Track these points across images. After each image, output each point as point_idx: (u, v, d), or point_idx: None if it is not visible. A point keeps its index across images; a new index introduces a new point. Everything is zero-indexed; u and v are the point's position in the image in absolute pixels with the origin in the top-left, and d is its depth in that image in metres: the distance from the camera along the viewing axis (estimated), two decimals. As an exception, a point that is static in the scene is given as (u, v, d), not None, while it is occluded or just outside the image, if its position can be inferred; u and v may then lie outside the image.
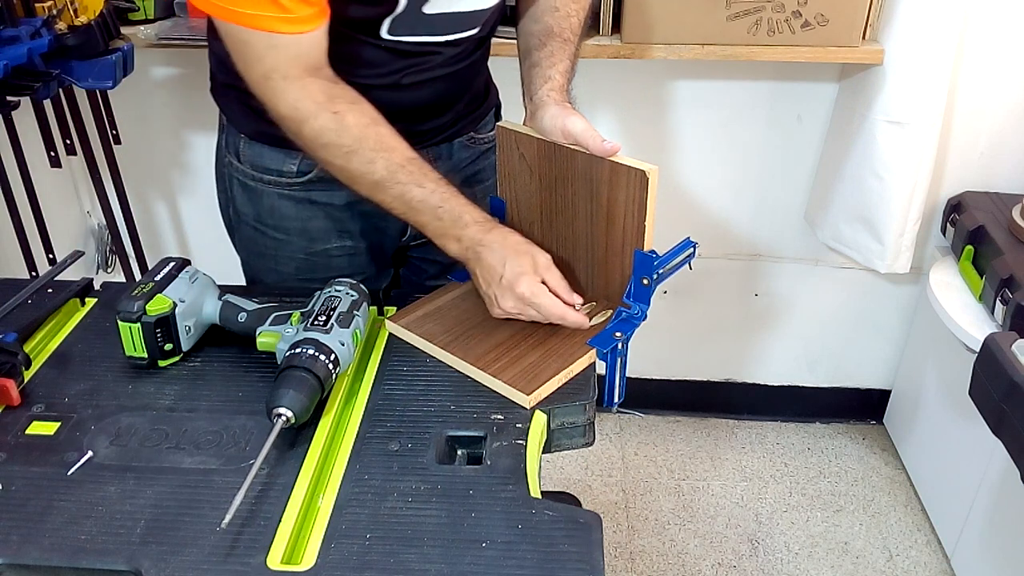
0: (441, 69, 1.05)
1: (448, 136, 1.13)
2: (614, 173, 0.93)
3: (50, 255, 1.67)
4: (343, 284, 0.95)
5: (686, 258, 0.99)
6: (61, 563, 0.72)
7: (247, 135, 1.09)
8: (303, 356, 0.84)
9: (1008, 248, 1.60)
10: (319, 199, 1.11)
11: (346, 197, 1.10)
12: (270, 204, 1.11)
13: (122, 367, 0.94)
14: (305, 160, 1.07)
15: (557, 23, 1.05)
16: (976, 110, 1.72)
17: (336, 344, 0.86)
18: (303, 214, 1.11)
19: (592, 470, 2.07)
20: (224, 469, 0.80)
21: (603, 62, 1.61)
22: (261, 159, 1.09)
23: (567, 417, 0.89)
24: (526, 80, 1.05)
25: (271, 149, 1.08)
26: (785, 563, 1.83)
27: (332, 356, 0.85)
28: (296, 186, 1.09)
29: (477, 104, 1.17)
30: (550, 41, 1.04)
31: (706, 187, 1.92)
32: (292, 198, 1.10)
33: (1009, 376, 1.17)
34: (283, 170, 1.09)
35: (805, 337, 2.12)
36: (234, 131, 1.11)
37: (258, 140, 1.09)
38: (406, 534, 0.74)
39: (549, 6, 1.06)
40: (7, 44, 1.31)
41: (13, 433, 0.85)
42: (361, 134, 0.92)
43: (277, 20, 0.85)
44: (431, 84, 1.05)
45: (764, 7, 1.53)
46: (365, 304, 0.95)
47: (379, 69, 1.00)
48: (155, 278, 0.93)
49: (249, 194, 1.12)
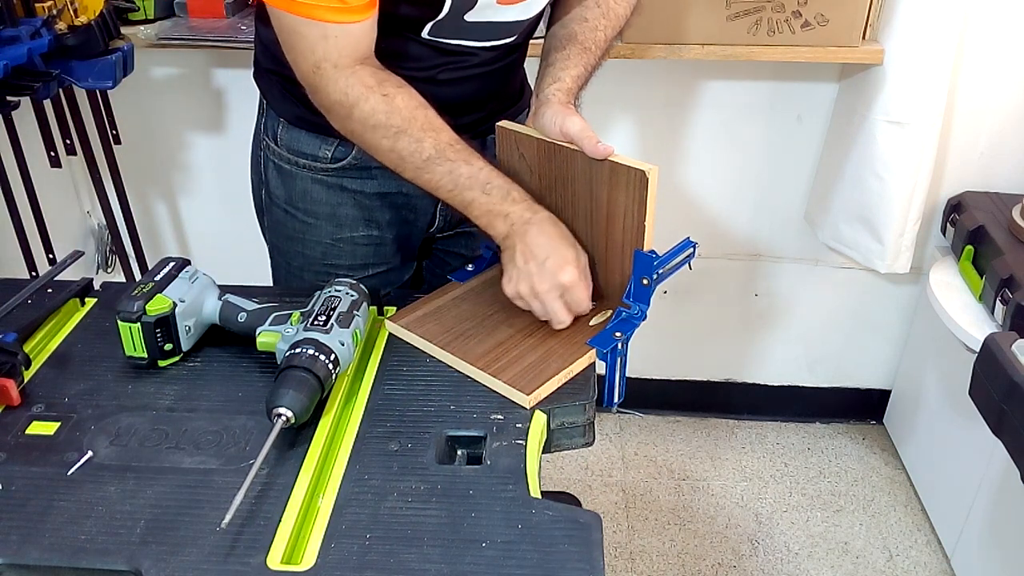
0: (477, 69, 1.07)
1: (482, 132, 1.14)
2: (614, 173, 0.93)
3: (50, 255, 1.67)
4: (343, 284, 0.95)
5: (686, 258, 0.99)
6: (61, 563, 0.72)
7: (287, 119, 1.12)
8: (303, 356, 0.84)
9: (1008, 248, 1.60)
10: (350, 186, 1.13)
11: (377, 187, 1.13)
12: (303, 188, 1.14)
13: (122, 367, 0.94)
14: (340, 147, 1.10)
15: (582, 32, 1.07)
16: (976, 110, 1.72)
17: (336, 344, 0.86)
18: (333, 199, 1.14)
19: (592, 470, 2.07)
20: (224, 469, 0.80)
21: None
22: (298, 143, 1.12)
23: (567, 417, 0.89)
24: (538, 78, 1.06)
25: (308, 134, 1.11)
26: (785, 563, 1.83)
27: (332, 356, 0.85)
28: (329, 171, 1.12)
29: (511, 103, 1.19)
30: (570, 46, 1.06)
31: (706, 187, 1.92)
32: (324, 183, 1.13)
33: (1009, 376, 1.17)
34: (318, 155, 1.11)
35: (805, 337, 2.12)
36: (274, 115, 1.14)
37: (296, 125, 1.11)
38: (406, 534, 0.74)
39: (579, 16, 1.08)
40: (7, 44, 1.31)
41: (13, 433, 0.85)
42: (411, 115, 0.94)
43: (331, 10, 0.88)
44: (467, 82, 1.08)
45: (764, 7, 1.53)
46: (365, 304, 0.95)
47: (418, 63, 1.03)
48: (155, 278, 0.93)
49: (283, 177, 1.15)
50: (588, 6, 1.09)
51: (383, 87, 0.94)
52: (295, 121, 1.11)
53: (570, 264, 0.94)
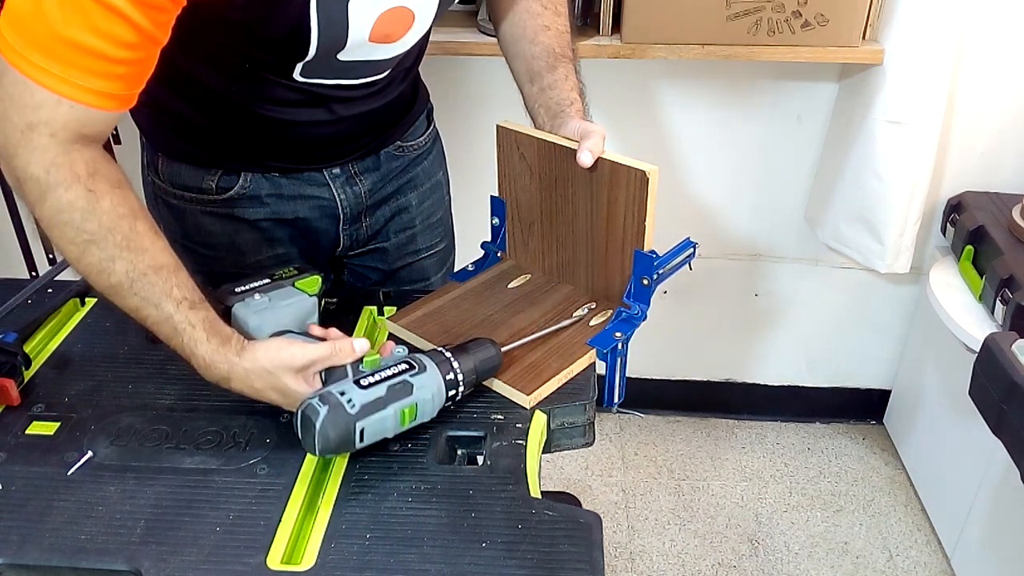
0: (363, 104, 1.02)
1: (373, 148, 1.09)
2: (614, 173, 0.93)
3: (50, 255, 1.68)
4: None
5: (686, 258, 0.99)
6: (61, 563, 0.72)
7: (164, 153, 1.06)
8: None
9: (1008, 248, 1.60)
10: (242, 215, 1.07)
11: (270, 213, 1.07)
12: (195, 222, 1.07)
13: (122, 367, 0.94)
14: (224, 176, 1.04)
15: (556, 42, 1.05)
16: (976, 110, 1.72)
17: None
18: (229, 228, 1.07)
19: (592, 470, 2.07)
20: (224, 469, 0.80)
21: (603, 62, 1.60)
22: (179, 176, 1.05)
23: (567, 417, 0.89)
24: (539, 100, 1.02)
25: (189, 167, 1.04)
26: (785, 563, 1.83)
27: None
28: (218, 203, 1.06)
29: (403, 113, 1.12)
30: (559, 63, 1.03)
31: (706, 187, 1.92)
32: (215, 214, 1.06)
33: (1009, 376, 1.17)
34: (202, 187, 1.04)
35: (805, 337, 2.12)
36: (151, 148, 1.07)
37: (174, 158, 1.05)
38: (406, 534, 0.74)
39: (539, 25, 1.05)
40: (7, 44, 1.31)
41: (13, 433, 0.85)
42: (111, 224, 0.78)
43: (83, 91, 0.74)
44: (353, 119, 1.02)
45: (764, 7, 1.53)
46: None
47: (296, 107, 0.97)
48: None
49: (174, 212, 1.08)
50: (537, 12, 1.06)
51: (93, 180, 0.77)
52: (172, 154, 1.05)
53: (288, 377, 0.81)
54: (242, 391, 0.82)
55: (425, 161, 1.18)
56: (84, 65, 0.73)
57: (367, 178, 1.11)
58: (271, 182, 1.05)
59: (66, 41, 0.71)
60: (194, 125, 1.01)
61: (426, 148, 1.18)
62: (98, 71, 0.74)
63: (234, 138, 1.01)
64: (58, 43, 0.72)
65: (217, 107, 0.98)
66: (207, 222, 1.07)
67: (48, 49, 0.72)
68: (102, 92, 0.75)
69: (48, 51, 0.72)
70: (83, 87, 0.74)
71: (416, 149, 1.16)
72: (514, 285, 1.07)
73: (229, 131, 1.01)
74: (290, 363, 0.80)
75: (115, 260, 0.78)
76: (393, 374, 0.80)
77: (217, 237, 1.08)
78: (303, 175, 1.06)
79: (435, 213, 1.22)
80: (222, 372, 0.81)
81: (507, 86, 1.10)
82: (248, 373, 0.80)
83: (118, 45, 0.73)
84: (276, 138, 1.01)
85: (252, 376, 0.80)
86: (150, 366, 0.94)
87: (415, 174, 1.17)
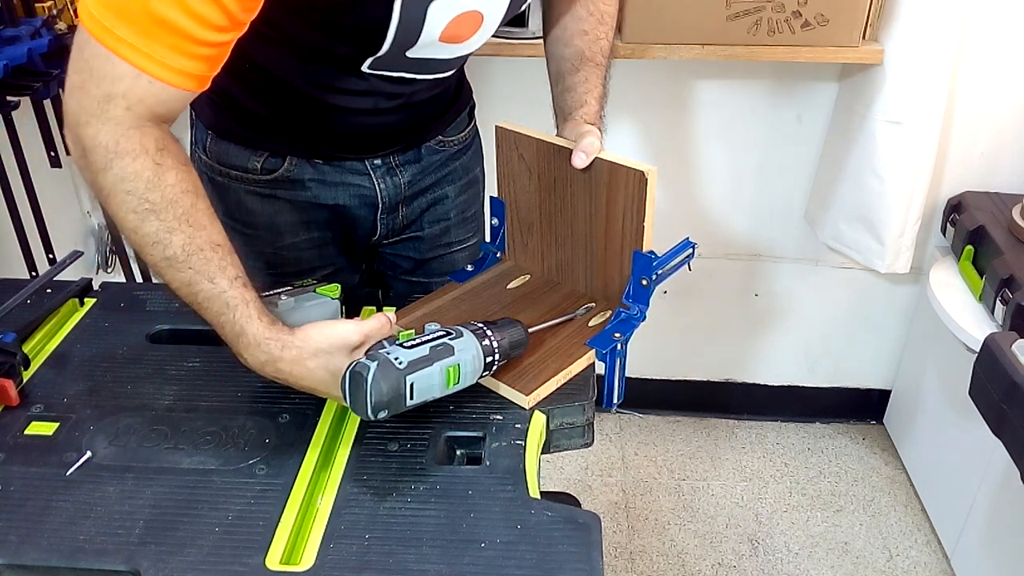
0: (420, 95, 1.05)
1: (415, 141, 1.12)
2: (613, 174, 0.93)
3: (50, 255, 1.67)
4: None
5: (685, 258, 0.99)
6: (60, 563, 0.72)
7: (213, 131, 1.09)
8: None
9: (1008, 248, 1.60)
10: (284, 196, 1.10)
11: (311, 197, 1.10)
12: (237, 200, 1.10)
13: (121, 367, 0.94)
14: (270, 158, 1.07)
15: (588, 47, 1.06)
16: (976, 110, 1.72)
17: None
18: (269, 209, 1.11)
19: (592, 470, 2.07)
20: (223, 469, 0.80)
21: (603, 62, 1.60)
22: (227, 156, 1.08)
23: (566, 417, 0.89)
24: (558, 102, 1.06)
25: (236, 146, 1.07)
26: (785, 563, 1.83)
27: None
28: (262, 183, 1.09)
29: (447, 109, 1.15)
30: (583, 66, 1.05)
31: (706, 187, 1.92)
32: (258, 194, 1.10)
33: (1009, 376, 1.17)
34: (248, 167, 1.08)
35: (805, 337, 2.12)
36: (201, 126, 1.11)
37: (223, 137, 1.08)
38: (405, 534, 0.74)
39: (578, 29, 1.07)
40: (7, 44, 1.31)
41: (12, 433, 0.85)
42: (174, 197, 0.79)
43: (165, 68, 0.76)
44: (407, 109, 1.05)
45: (764, 7, 1.53)
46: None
47: (356, 96, 1.00)
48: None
49: (218, 190, 1.10)
50: (582, 16, 1.07)
51: (161, 155, 0.79)
52: (221, 132, 1.07)
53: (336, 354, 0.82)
54: (289, 373, 0.81)
55: (464, 156, 1.20)
56: (170, 43, 0.75)
57: (407, 170, 1.12)
58: (314, 168, 1.08)
59: (157, 18, 0.73)
60: (247, 107, 1.04)
61: (466, 144, 1.20)
62: (183, 50, 0.76)
63: (285, 123, 1.04)
64: (149, 19, 0.73)
65: (273, 92, 1.01)
66: (249, 201, 1.10)
67: (137, 24, 0.73)
68: (182, 71, 0.77)
69: (137, 26, 0.73)
70: (165, 64, 0.76)
71: (456, 144, 1.18)
72: (513, 286, 1.07)
73: (281, 116, 1.03)
74: (347, 340, 0.81)
75: (173, 232, 0.79)
76: (433, 337, 0.82)
77: (258, 216, 1.11)
78: (345, 163, 1.09)
79: (470, 207, 1.24)
80: (272, 351, 0.80)
81: (507, 86, 1.10)
82: (302, 352, 0.81)
83: (207, 27, 0.75)
84: (328, 126, 1.04)
85: (306, 355, 0.81)
86: (149, 366, 0.94)
87: (453, 168, 1.19)
